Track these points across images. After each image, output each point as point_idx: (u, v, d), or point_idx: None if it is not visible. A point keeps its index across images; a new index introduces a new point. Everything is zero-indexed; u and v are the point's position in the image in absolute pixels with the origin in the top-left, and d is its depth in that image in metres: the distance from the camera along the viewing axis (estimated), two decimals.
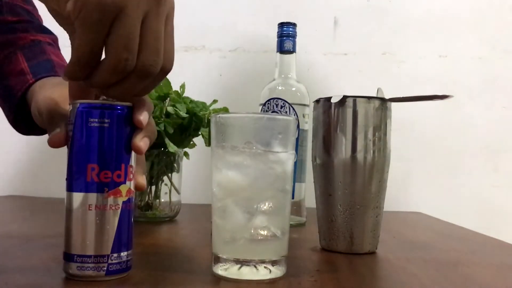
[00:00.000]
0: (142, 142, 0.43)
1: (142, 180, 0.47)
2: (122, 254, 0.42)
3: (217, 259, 0.46)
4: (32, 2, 0.75)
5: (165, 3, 0.40)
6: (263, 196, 0.45)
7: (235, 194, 0.45)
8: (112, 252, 0.42)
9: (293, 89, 0.85)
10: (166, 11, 0.41)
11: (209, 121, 0.77)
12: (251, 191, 0.45)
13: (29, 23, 0.71)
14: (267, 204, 0.45)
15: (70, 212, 0.42)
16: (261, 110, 0.84)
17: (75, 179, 0.42)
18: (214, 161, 0.47)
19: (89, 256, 0.41)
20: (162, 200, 0.81)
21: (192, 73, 1.08)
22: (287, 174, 0.47)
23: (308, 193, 0.82)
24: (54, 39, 0.72)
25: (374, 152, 0.58)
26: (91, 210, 0.41)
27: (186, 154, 0.85)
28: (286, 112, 0.82)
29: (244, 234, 0.45)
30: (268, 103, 0.83)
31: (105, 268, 0.41)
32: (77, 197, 0.41)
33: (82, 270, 0.41)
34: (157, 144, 0.76)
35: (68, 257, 0.42)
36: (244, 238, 0.45)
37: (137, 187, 0.45)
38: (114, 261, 0.42)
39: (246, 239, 0.45)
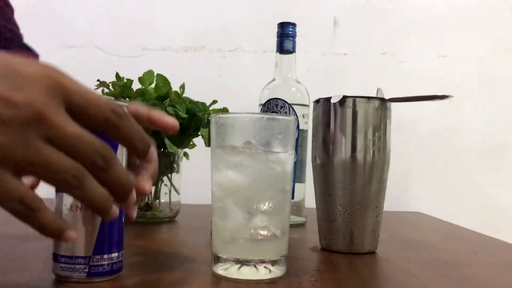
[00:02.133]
0: (147, 184, 0.44)
1: (146, 185, 0.43)
2: (106, 256, 0.41)
3: (217, 259, 0.46)
4: (14, 20, 0.74)
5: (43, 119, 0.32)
6: (263, 196, 0.45)
7: (235, 194, 0.45)
8: (94, 254, 0.41)
9: (293, 89, 0.84)
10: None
11: (209, 121, 0.77)
12: (251, 191, 0.45)
13: (10, 40, 0.70)
14: (267, 204, 0.45)
15: (57, 213, 0.41)
16: (261, 110, 0.84)
17: None
18: (214, 161, 0.47)
19: (71, 257, 0.40)
20: (162, 201, 0.81)
21: (192, 73, 1.08)
22: (287, 174, 0.47)
23: (308, 193, 0.82)
24: (35, 57, 0.70)
25: (374, 152, 0.58)
26: (73, 210, 0.40)
27: (186, 154, 0.85)
28: (286, 112, 0.81)
29: (244, 234, 0.45)
30: (268, 103, 0.83)
31: (87, 270, 0.40)
32: (63, 197, 0.41)
33: (64, 271, 0.41)
34: (157, 145, 0.75)
35: (54, 257, 0.41)
36: (244, 238, 0.45)
37: (138, 191, 0.41)
38: (96, 263, 0.41)
39: (246, 239, 0.45)
